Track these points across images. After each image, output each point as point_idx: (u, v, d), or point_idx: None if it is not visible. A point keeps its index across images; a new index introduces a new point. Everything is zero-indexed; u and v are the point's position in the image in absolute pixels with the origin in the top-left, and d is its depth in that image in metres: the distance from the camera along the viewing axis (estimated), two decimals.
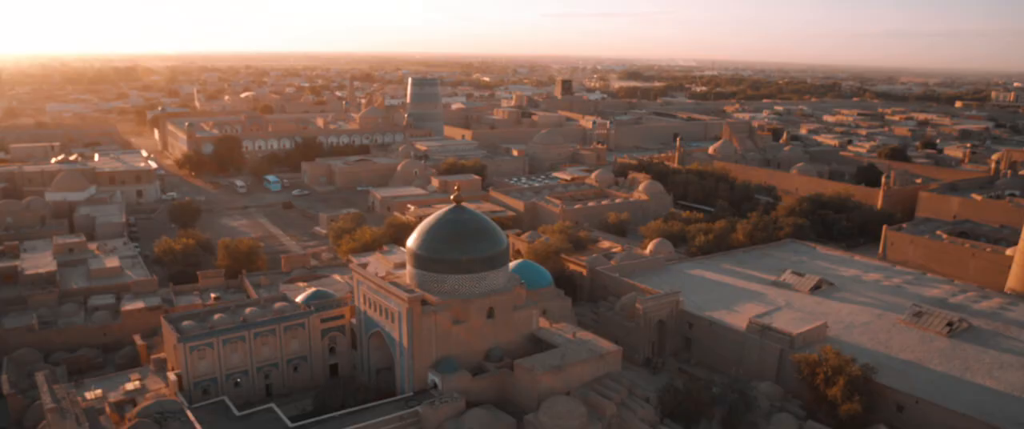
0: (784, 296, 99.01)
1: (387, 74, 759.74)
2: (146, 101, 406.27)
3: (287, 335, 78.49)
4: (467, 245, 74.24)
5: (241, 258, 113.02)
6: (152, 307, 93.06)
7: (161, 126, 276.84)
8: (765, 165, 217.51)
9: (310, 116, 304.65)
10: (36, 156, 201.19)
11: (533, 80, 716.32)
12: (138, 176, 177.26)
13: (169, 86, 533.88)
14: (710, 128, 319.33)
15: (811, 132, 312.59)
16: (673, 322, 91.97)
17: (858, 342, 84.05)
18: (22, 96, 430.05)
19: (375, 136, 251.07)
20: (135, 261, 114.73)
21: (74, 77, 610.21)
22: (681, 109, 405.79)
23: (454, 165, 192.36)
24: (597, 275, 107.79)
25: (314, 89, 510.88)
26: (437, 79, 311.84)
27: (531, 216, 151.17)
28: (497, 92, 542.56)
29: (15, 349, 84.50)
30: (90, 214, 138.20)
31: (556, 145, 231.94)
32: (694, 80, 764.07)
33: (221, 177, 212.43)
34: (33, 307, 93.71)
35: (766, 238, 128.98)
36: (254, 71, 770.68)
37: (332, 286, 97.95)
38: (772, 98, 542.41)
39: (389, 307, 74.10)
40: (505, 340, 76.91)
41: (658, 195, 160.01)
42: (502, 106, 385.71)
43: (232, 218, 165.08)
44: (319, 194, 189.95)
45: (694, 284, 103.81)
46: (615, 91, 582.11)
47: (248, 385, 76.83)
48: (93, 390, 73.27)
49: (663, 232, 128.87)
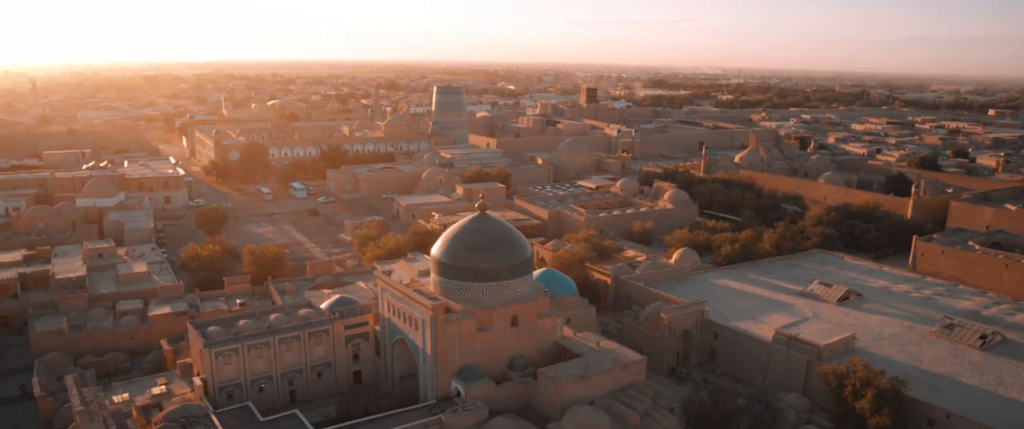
0: (811, 307, 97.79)
1: (412, 82, 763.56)
2: (175, 109, 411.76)
3: (311, 341, 78.76)
4: (491, 253, 74.12)
5: (267, 265, 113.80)
6: (179, 312, 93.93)
7: (189, 133, 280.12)
8: (792, 174, 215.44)
9: (336, 124, 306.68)
10: (68, 163, 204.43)
11: (558, 88, 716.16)
12: (166, 183, 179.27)
13: (197, 94, 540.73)
14: (736, 137, 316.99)
15: (839, 141, 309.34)
16: (698, 332, 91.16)
17: (887, 354, 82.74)
18: (55, 104, 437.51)
19: (400, 144, 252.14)
20: (162, 267, 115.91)
21: (105, 85, 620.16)
22: (707, 117, 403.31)
23: (479, 173, 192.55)
24: (621, 284, 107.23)
25: (340, 97, 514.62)
26: (462, 87, 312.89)
27: (555, 224, 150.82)
28: (522, 100, 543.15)
29: (46, 352, 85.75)
30: (119, 220, 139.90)
31: (581, 153, 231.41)
32: (720, 88, 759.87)
33: (247, 184, 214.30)
34: (64, 311, 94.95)
35: (793, 248, 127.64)
36: (281, 79, 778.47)
37: (356, 293, 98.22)
38: (799, 106, 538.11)
39: (413, 314, 74.11)
40: (529, 349, 76.61)
41: (683, 204, 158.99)
42: (527, 114, 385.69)
43: (258, 225, 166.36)
44: (344, 201, 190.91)
45: (720, 294, 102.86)
46: (640, 99, 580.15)
47: (272, 391, 77.17)
48: (121, 394, 74.06)
49: (688, 241, 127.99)
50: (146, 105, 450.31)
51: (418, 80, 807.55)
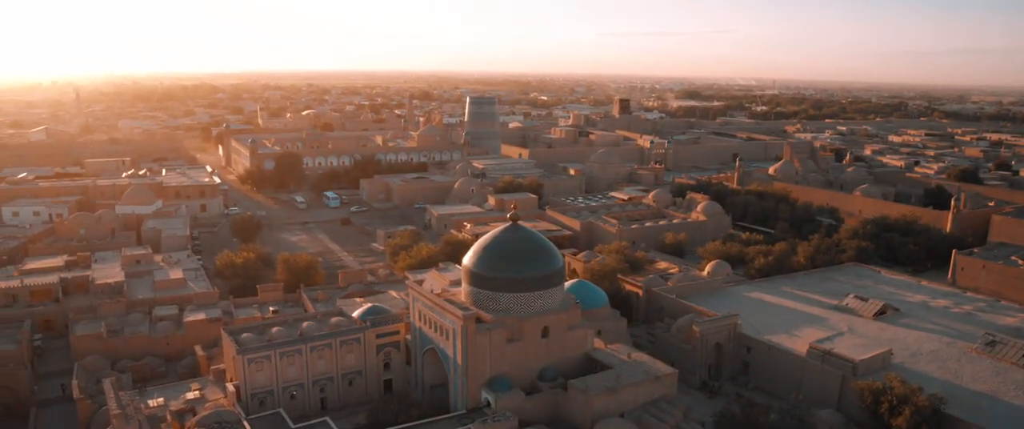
0: (846, 321, 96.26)
1: (445, 93, 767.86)
2: (211, 118, 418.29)
3: (343, 350, 79.26)
4: (523, 264, 74.08)
5: (299, 273, 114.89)
6: (213, 319, 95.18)
7: (225, 142, 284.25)
8: (827, 186, 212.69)
9: (369, 134, 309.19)
10: (108, 170, 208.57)
11: (591, 99, 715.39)
12: (202, 191, 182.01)
13: (234, 103, 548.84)
14: (770, 148, 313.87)
15: (876, 153, 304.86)
16: (731, 345, 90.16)
17: (925, 371, 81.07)
18: (97, 113, 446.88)
19: (433, 154, 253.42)
20: (198, 273, 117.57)
21: (145, 95, 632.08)
22: (741, 129, 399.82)
23: (511, 184, 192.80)
24: (653, 296, 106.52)
25: (373, 107, 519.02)
26: (495, 98, 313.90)
27: (587, 235, 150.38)
28: (554, 111, 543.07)
29: (85, 355, 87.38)
30: (156, 227, 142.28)
31: (613, 164, 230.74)
32: (754, 99, 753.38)
33: (282, 193, 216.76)
34: (102, 316, 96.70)
35: (828, 261, 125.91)
36: (315, 89, 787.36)
37: (388, 302, 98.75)
38: (835, 118, 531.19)
39: (444, 324, 74.27)
40: (559, 360, 76.35)
41: (716, 216, 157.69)
42: (559, 125, 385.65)
43: (292, 233, 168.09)
44: (377, 211, 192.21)
45: (753, 307, 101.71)
46: (673, 110, 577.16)
47: (303, 398, 77.75)
48: (156, 398, 75.13)
49: (721, 253, 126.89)
50: (184, 114, 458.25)
51: (451, 90, 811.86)
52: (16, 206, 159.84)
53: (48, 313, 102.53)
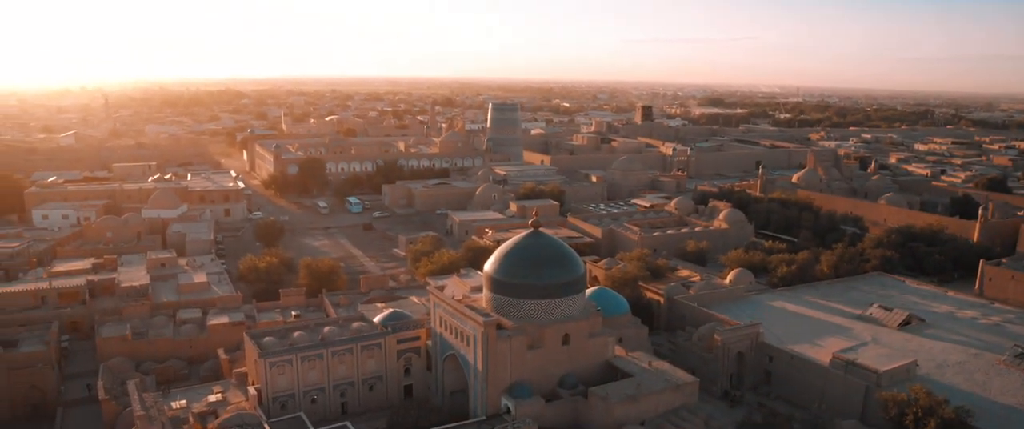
0: (870, 331, 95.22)
1: (468, 99, 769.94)
2: (236, 123, 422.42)
3: (364, 354, 79.65)
4: (544, 270, 74.12)
5: (322, 277, 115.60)
6: (236, 322, 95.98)
7: (249, 147, 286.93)
8: (851, 195, 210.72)
9: (392, 139, 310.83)
10: (135, 175, 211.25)
11: (613, 106, 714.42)
12: (226, 195, 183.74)
13: (258, 109, 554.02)
14: (794, 156, 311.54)
15: (901, 161, 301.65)
16: (753, 354, 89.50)
17: (952, 383, 79.98)
18: (125, 118, 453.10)
19: (455, 160, 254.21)
20: (221, 277, 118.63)
21: (172, 100, 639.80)
22: (764, 136, 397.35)
23: (532, 190, 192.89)
24: (675, 304, 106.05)
25: (396, 113, 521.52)
26: (517, 104, 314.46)
27: (609, 243, 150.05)
28: (577, 118, 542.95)
29: (110, 357, 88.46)
30: (181, 231, 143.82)
31: (635, 171, 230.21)
32: (777, 107, 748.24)
33: (305, 198, 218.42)
34: (127, 318, 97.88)
35: (852, 270, 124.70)
36: (339, 95, 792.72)
37: (409, 308, 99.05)
38: (859, 126, 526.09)
39: (465, 330, 74.42)
40: (580, 367, 76.23)
41: (739, 224, 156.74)
42: (581, 132, 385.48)
43: (314, 238, 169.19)
44: (399, 216, 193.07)
45: (775, 316, 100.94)
46: (696, 117, 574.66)
47: (324, 402, 78.18)
48: (178, 400, 75.87)
49: (744, 261, 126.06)
50: (209, 120, 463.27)
51: (474, 97, 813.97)
52: (46, 209, 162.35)
53: (75, 315, 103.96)
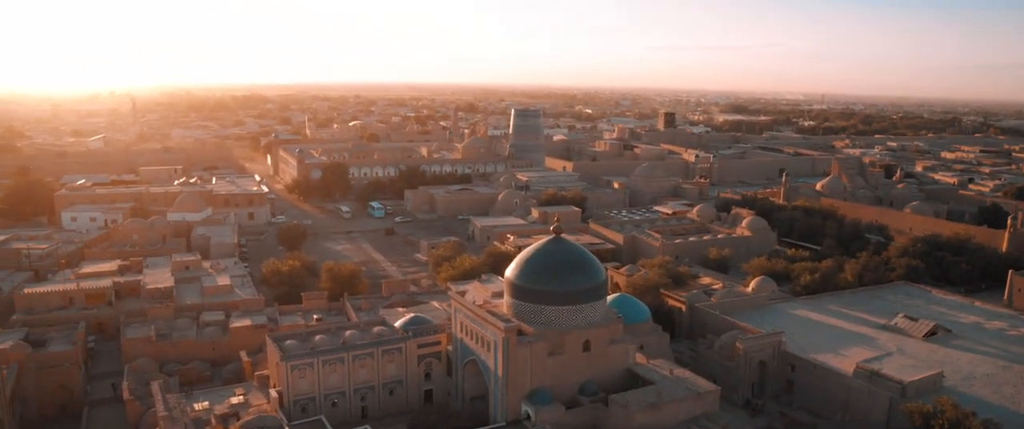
0: (895, 341, 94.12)
1: (491, 105, 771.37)
2: (261, 128, 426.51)
3: (384, 359, 79.93)
4: (565, 277, 74.04)
5: (344, 282, 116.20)
6: (258, 325, 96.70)
7: (273, 152, 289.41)
8: (876, 203, 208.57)
9: (414, 145, 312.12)
10: (161, 178, 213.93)
11: (636, 113, 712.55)
12: (250, 199, 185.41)
13: (282, 114, 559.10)
14: (818, 164, 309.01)
15: (927, 169, 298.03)
16: (775, 363, 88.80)
17: (979, 395, 78.81)
18: (152, 123, 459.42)
19: (477, 166, 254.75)
20: (244, 280, 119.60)
21: (197, 105, 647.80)
22: (788, 144, 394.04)
23: (554, 196, 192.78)
24: (697, 312, 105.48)
25: (419, 119, 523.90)
26: (540, 110, 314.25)
27: (630, 249, 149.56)
28: (599, 124, 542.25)
29: (135, 358, 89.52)
30: (206, 234, 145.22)
31: (658, 178, 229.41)
32: (802, 114, 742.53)
33: (328, 202, 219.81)
34: (152, 320, 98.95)
35: (876, 280, 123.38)
36: (362, 100, 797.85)
37: (430, 313, 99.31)
38: (885, 133, 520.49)
39: (485, 336, 74.47)
40: (600, 374, 76.00)
41: (762, 231, 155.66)
42: (604, 138, 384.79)
43: (337, 242, 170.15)
44: (421, 221, 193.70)
45: (798, 325, 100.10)
46: (719, 125, 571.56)
47: (345, 406, 78.53)
48: (201, 402, 76.47)
49: (766, 270, 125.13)
50: (234, 124, 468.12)
51: (496, 103, 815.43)
52: (75, 211, 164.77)
53: (102, 316, 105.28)
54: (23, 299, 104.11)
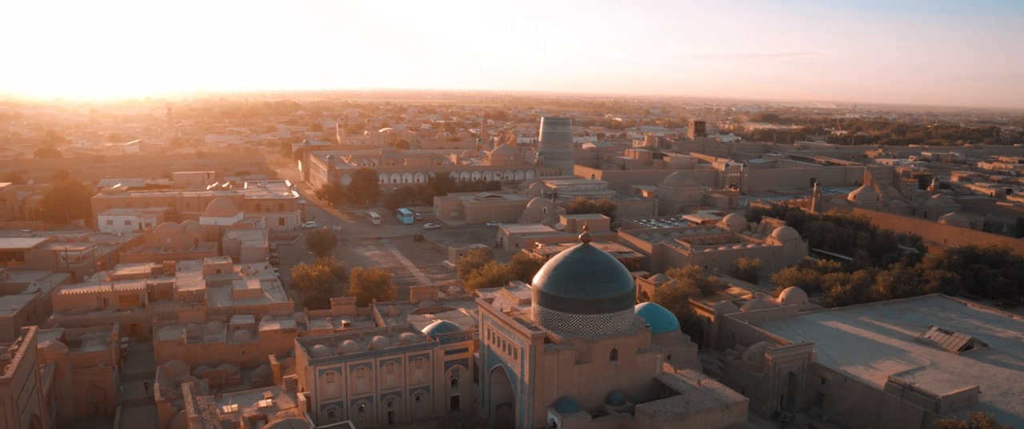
0: (929, 355, 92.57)
1: (520, 112, 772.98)
2: (292, 134, 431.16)
3: (412, 365, 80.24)
4: (593, 285, 73.87)
5: (372, 287, 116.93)
6: (287, 330, 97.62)
7: (304, 158, 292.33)
8: (910, 214, 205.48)
9: (444, 152, 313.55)
10: (194, 183, 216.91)
11: (665, 121, 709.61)
12: (281, 205, 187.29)
13: (314, 120, 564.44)
14: (850, 173, 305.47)
15: (963, 180, 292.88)
16: (804, 375, 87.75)
17: (1018, 412, 77.23)
18: (186, 128, 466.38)
19: (506, 173, 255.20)
20: (274, 285, 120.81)
21: (231, 111, 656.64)
22: (819, 153, 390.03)
23: (583, 204, 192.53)
24: (725, 322, 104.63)
25: (449, 126, 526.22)
26: (569, 118, 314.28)
27: (659, 258, 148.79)
28: (629, 132, 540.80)
29: (167, 360, 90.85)
30: (237, 238, 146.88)
31: (687, 187, 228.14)
32: (834, 123, 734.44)
33: (357, 208, 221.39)
34: (184, 322, 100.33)
35: (909, 291, 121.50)
36: (393, 107, 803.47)
37: (458, 319, 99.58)
38: (919, 143, 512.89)
39: (512, 343, 74.49)
40: (627, 383, 75.65)
41: (792, 242, 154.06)
42: (633, 146, 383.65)
43: (366, 248, 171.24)
44: (449, 228, 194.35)
45: (828, 336, 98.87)
46: (749, 133, 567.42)
47: (371, 411, 78.92)
48: (230, 404, 77.33)
49: (797, 280, 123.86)
50: (266, 130, 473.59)
51: (526, 110, 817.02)
52: (111, 215, 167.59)
53: (135, 318, 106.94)
54: (60, 300, 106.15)
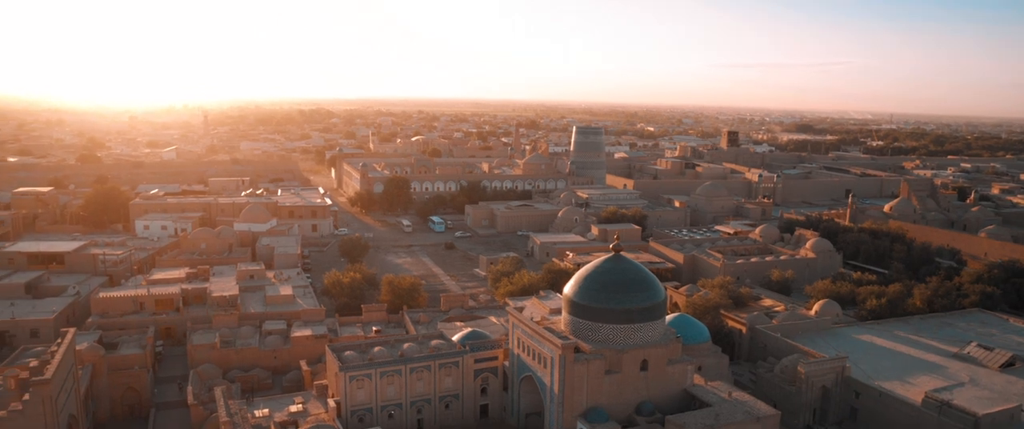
0: (968, 371, 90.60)
1: (552, 122, 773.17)
2: (326, 142, 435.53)
3: (441, 372, 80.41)
4: (624, 295, 73.52)
5: (403, 294, 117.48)
6: (319, 335, 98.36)
7: (338, 165, 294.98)
8: (948, 226, 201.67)
9: (476, 161, 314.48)
10: (229, 189, 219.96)
11: (698, 131, 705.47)
12: (314, 211, 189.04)
13: (347, 128, 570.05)
14: (886, 185, 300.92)
15: (1005, 192, 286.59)
16: (838, 389, 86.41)
17: None
18: (222, 135, 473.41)
19: (537, 182, 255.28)
20: (306, 291, 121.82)
21: (266, 119, 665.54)
22: (854, 164, 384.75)
23: (614, 214, 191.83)
24: (757, 334, 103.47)
25: (481, 135, 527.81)
26: (601, 128, 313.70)
27: (690, 269, 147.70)
28: (661, 142, 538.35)
29: (200, 363, 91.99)
30: (270, 245, 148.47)
31: (719, 197, 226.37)
32: (870, 134, 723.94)
33: (389, 216, 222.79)
34: (217, 327, 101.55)
35: (947, 305, 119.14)
36: (425, 116, 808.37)
37: (488, 328, 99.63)
38: (958, 154, 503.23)
39: (542, 352, 74.36)
40: (657, 394, 75.08)
41: (826, 253, 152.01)
42: (665, 156, 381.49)
43: (397, 255, 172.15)
44: (480, 237, 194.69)
45: (863, 350, 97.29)
46: (783, 144, 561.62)
47: (401, 418, 79.17)
48: (261, 409, 78.01)
49: (830, 293, 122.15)
50: (300, 138, 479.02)
51: (558, 120, 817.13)
52: (148, 219, 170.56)
53: (169, 321, 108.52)
54: (98, 303, 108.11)
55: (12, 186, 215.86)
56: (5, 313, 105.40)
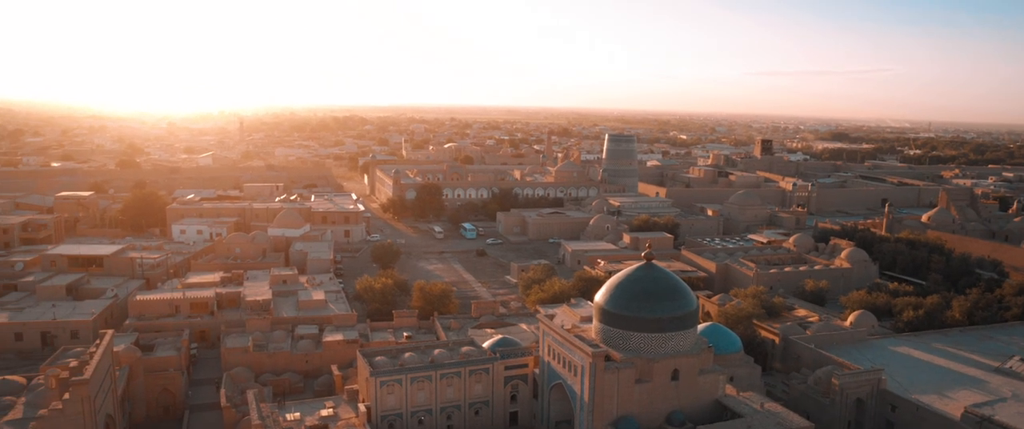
0: (1010, 386, 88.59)
1: (585, 129, 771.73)
2: (359, 148, 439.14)
3: (471, 379, 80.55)
4: (655, 304, 73.12)
5: (434, 301, 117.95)
6: (350, 340, 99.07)
7: (370, 172, 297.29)
8: (989, 237, 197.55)
9: (508, 168, 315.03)
10: (263, 195, 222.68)
11: (731, 139, 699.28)
12: (347, 217, 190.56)
13: (380, 135, 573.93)
14: (924, 194, 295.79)
15: None
16: (873, 402, 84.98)
17: None
18: (257, 141, 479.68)
19: (569, 190, 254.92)
20: (338, 296, 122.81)
21: (300, 125, 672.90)
22: (891, 173, 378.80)
23: (646, 222, 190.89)
24: (790, 344, 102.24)
25: (513, 142, 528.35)
26: (634, 136, 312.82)
27: (723, 278, 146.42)
28: (694, 150, 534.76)
29: (233, 367, 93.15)
30: (303, 250, 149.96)
31: (753, 206, 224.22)
32: (907, 142, 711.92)
33: (421, 222, 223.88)
34: (250, 331, 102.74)
35: (988, 318, 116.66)
36: (458, 123, 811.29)
37: (518, 335, 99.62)
38: (1000, 163, 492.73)
39: (572, 360, 74.19)
40: (688, 404, 74.50)
41: (862, 264, 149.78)
42: (698, 164, 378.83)
43: (428, 262, 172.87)
44: (512, 244, 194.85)
45: (899, 362, 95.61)
46: (818, 152, 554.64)
47: (430, 424, 79.41)
48: (293, 412, 78.75)
49: (866, 303, 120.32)
50: (334, 144, 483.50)
51: (590, 127, 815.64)
52: (184, 224, 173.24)
53: (204, 325, 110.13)
54: (135, 305, 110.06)
55: (55, 190, 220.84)
56: (47, 314, 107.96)
